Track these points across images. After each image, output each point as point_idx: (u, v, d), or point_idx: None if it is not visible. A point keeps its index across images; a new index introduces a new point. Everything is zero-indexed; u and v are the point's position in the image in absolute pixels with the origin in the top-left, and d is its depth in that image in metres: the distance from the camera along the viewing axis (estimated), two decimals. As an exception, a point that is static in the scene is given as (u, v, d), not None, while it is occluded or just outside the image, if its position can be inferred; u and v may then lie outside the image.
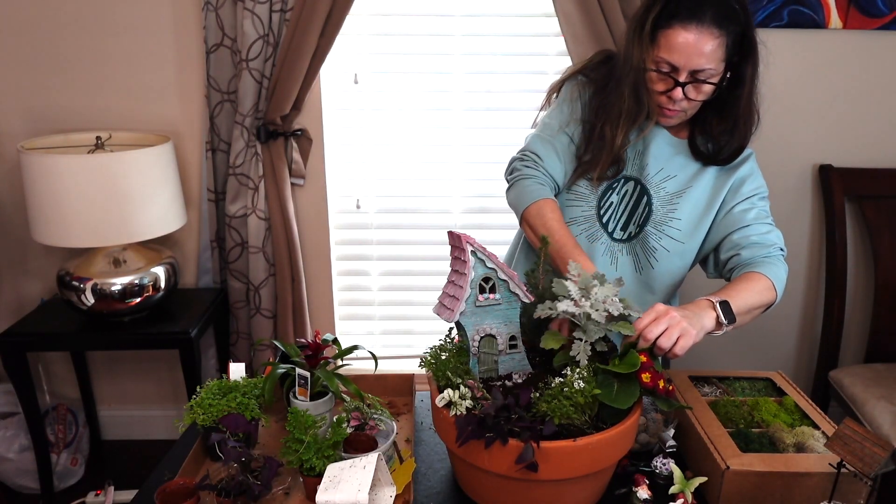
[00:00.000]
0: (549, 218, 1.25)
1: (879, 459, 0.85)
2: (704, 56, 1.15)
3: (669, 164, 1.32)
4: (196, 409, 1.11)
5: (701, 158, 1.32)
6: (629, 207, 1.33)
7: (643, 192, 1.32)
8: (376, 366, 1.30)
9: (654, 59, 1.19)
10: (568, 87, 1.36)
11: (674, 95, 1.20)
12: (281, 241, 2.12)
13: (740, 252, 1.29)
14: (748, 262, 1.28)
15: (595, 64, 1.35)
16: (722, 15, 1.14)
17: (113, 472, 2.30)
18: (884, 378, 1.99)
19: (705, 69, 1.16)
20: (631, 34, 1.21)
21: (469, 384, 1.00)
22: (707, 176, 1.32)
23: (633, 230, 1.34)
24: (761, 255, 1.28)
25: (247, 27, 1.91)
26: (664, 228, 1.32)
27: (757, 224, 1.31)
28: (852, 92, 2.13)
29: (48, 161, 1.74)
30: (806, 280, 2.35)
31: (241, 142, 2.03)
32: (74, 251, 2.01)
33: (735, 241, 1.30)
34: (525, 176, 1.32)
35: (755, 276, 1.24)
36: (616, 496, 1.05)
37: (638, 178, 1.33)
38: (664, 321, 1.02)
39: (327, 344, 1.22)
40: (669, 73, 1.19)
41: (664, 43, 1.17)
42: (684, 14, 1.14)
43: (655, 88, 1.22)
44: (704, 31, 1.13)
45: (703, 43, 1.14)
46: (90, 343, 2.03)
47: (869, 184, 2.16)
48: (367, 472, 0.91)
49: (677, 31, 1.14)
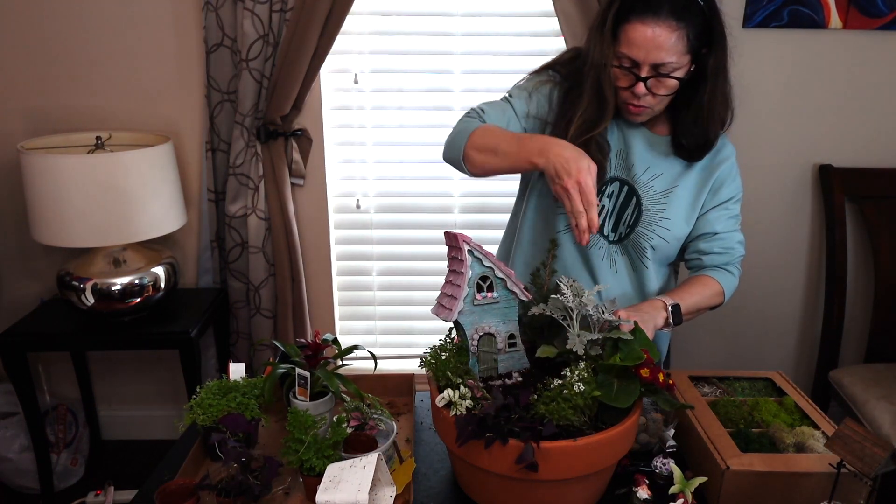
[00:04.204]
0: (499, 130, 1.22)
1: (879, 459, 0.85)
2: (664, 49, 1.13)
3: (654, 162, 1.31)
4: (196, 409, 1.11)
5: (683, 155, 1.31)
6: (617, 207, 1.32)
7: (632, 193, 1.31)
8: (376, 366, 1.30)
9: (615, 55, 1.18)
10: (535, 78, 1.33)
11: (637, 91, 1.18)
12: (281, 241, 2.12)
13: (702, 258, 1.36)
14: (707, 268, 1.36)
15: (565, 60, 1.32)
16: (680, 7, 1.12)
17: (113, 472, 2.30)
18: (884, 378, 1.99)
19: (667, 63, 1.14)
20: (593, 33, 1.20)
21: (469, 384, 1.00)
22: (692, 174, 1.32)
23: (623, 231, 1.33)
24: (721, 263, 1.36)
25: (247, 27, 1.91)
26: (655, 228, 1.31)
27: (725, 234, 1.35)
28: (852, 92, 2.13)
29: (48, 161, 1.74)
30: (806, 280, 2.35)
31: (241, 142, 2.03)
32: (74, 251, 2.01)
33: (700, 248, 1.35)
34: (463, 119, 1.29)
35: (710, 281, 1.32)
36: (616, 496, 1.05)
37: (625, 179, 1.31)
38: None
39: (327, 344, 1.22)
40: (630, 69, 1.17)
41: (624, 38, 1.15)
42: (641, 8, 1.13)
43: (619, 85, 1.21)
44: (662, 24, 1.12)
45: (661, 36, 1.12)
46: (90, 343, 2.03)
47: (869, 184, 2.16)
48: (367, 472, 0.91)
49: (635, 25, 1.13)
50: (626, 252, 1.34)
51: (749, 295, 2.36)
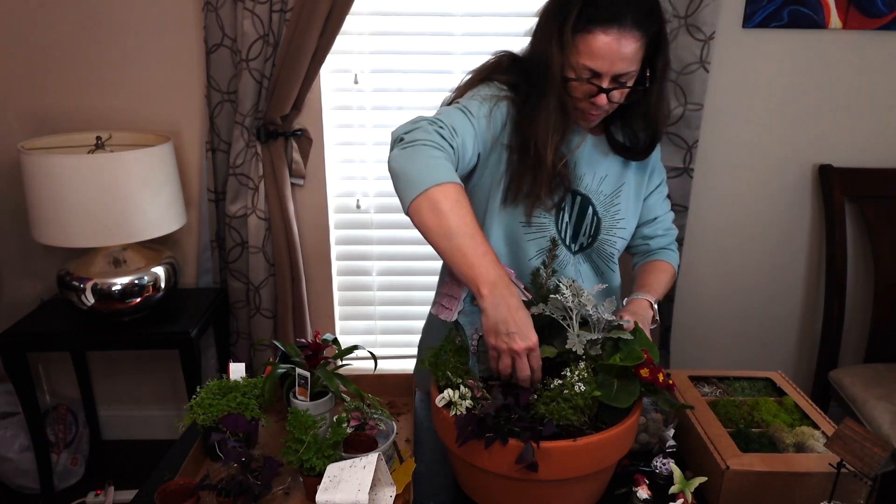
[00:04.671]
0: (469, 212, 1.00)
1: (879, 459, 0.85)
2: (627, 59, 1.10)
3: (598, 164, 1.28)
4: (196, 409, 1.11)
5: (619, 151, 1.29)
6: (574, 219, 1.28)
7: (586, 203, 1.27)
8: (376, 366, 1.30)
9: (573, 67, 1.12)
10: (486, 90, 1.20)
11: (598, 102, 1.14)
12: (281, 241, 2.12)
13: (649, 243, 1.40)
14: (654, 251, 1.40)
15: (505, 68, 1.23)
16: (642, 16, 1.09)
17: (113, 472, 2.30)
18: (884, 378, 1.99)
19: (629, 72, 1.12)
20: (547, 43, 1.12)
21: (469, 384, 1.00)
22: (631, 168, 1.32)
23: (584, 241, 1.30)
24: (666, 244, 1.41)
25: (247, 27, 1.91)
26: (616, 232, 1.30)
27: (664, 216, 1.41)
28: (852, 92, 2.13)
29: (48, 161, 1.74)
30: (806, 280, 2.35)
31: (241, 142, 2.03)
32: (74, 251, 2.01)
33: (645, 234, 1.40)
34: (435, 144, 1.04)
35: (666, 266, 1.37)
36: (616, 496, 1.05)
37: (576, 190, 1.27)
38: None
39: (327, 344, 1.22)
40: (590, 80, 1.12)
41: (584, 49, 1.09)
42: (605, 17, 1.07)
43: (577, 95, 1.16)
44: (626, 33, 1.08)
45: (625, 46, 1.08)
46: (90, 343, 2.03)
47: (869, 184, 2.16)
48: (367, 472, 0.91)
49: (598, 35, 1.08)
50: (588, 259, 1.33)
51: (749, 295, 2.36)
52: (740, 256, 2.32)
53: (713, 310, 2.38)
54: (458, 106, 1.15)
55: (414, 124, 1.07)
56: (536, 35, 1.17)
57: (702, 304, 2.36)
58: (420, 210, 1.00)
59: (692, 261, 2.31)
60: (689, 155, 2.10)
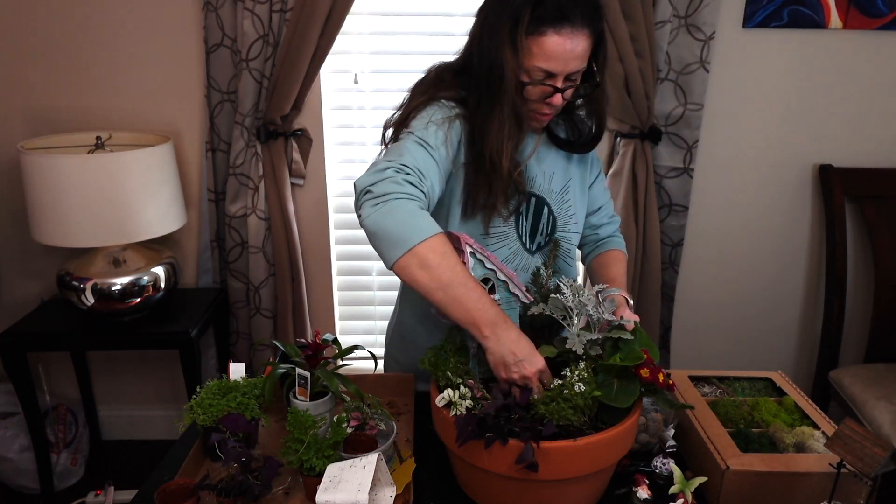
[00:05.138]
0: (457, 261, 1.00)
1: (879, 459, 0.85)
2: (579, 58, 1.10)
3: (545, 163, 1.28)
4: (196, 409, 1.11)
5: (563, 146, 1.29)
6: (531, 219, 1.27)
7: (541, 203, 1.27)
8: (376, 366, 1.30)
9: (527, 70, 1.11)
10: (437, 111, 1.15)
11: (554, 102, 1.14)
12: (281, 241, 2.12)
13: (597, 232, 1.42)
14: (603, 240, 1.42)
15: (449, 83, 1.20)
16: (589, 12, 1.09)
17: (113, 472, 2.30)
18: (884, 378, 1.99)
19: (579, 70, 1.12)
20: (498, 50, 1.09)
21: (469, 384, 1.00)
22: (574, 162, 1.32)
23: (541, 240, 1.29)
24: (612, 232, 1.44)
25: (247, 27, 1.91)
26: (569, 227, 1.31)
27: (606, 204, 1.43)
28: (852, 92, 2.13)
29: (48, 161, 1.74)
30: (806, 280, 2.35)
31: (241, 142, 2.03)
32: (74, 251, 2.01)
33: (592, 223, 1.42)
34: (408, 196, 1.01)
35: (620, 255, 1.39)
36: (616, 496, 1.05)
37: (531, 192, 1.26)
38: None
39: (327, 344, 1.22)
40: (544, 81, 1.12)
41: (538, 51, 1.08)
42: (555, 18, 1.06)
43: (530, 97, 1.15)
44: (578, 32, 1.08)
45: (578, 45, 1.08)
46: (90, 343, 2.03)
47: (869, 184, 2.17)
48: (367, 472, 0.91)
49: (551, 37, 1.07)
50: (545, 258, 1.31)
51: (749, 295, 2.36)
52: (740, 256, 2.32)
53: (713, 310, 2.38)
54: (415, 139, 1.10)
55: (380, 174, 1.02)
56: (483, 42, 1.12)
57: (702, 304, 2.37)
58: (408, 267, 0.99)
59: (692, 261, 2.31)
60: (689, 155, 2.10)
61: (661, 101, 2.07)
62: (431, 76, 1.23)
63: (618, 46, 1.94)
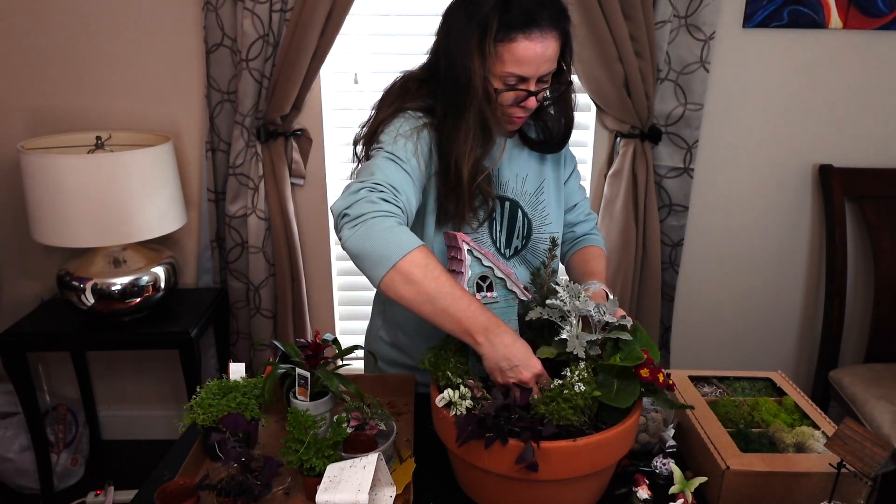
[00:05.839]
0: (441, 271, 1.00)
1: (879, 459, 0.85)
2: (550, 60, 1.10)
3: (517, 165, 1.27)
4: (196, 409, 1.11)
5: (535, 147, 1.29)
6: (506, 224, 1.26)
7: (514, 206, 1.26)
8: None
9: (498, 76, 1.11)
10: (404, 123, 1.15)
11: (528, 105, 1.14)
12: (281, 241, 2.12)
13: (574, 230, 1.43)
14: (582, 237, 1.42)
15: (414, 92, 1.21)
16: (556, 14, 1.10)
17: (113, 472, 2.30)
18: (884, 378, 1.99)
19: (550, 71, 1.13)
20: (466, 58, 1.08)
21: (469, 384, 1.00)
22: (548, 162, 1.31)
23: (518, 244, 1.28)
24: (590, 229, 1.44)
25: (247, 27, 1.91)
26: (545, 229, 1.30)
27: (582, 202, 1.43)
28: (852, 92, 2.13)
29: (48, 161, 1.74)
30: (806, 280, 2.35)
31: (241, 142, 2.03)
32: (74, 251, 2.01)
33: (569, 221, 1.42)
34: (384, 213, 1.01)
35: (599, 251, 1.39)
36: (616, 496, 1.05)
37: (503, 195, 1.25)
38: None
39: (327, 344, 1.22)
40: (516, 86, 1.12)
41: (509, 57, 1.08)
42: (524, 23, 1.07)
43: (504, 103, 1.15)
44: (547, 35, 1.08)
45: (549, 48, 1.09)
46: (90, 343, 2.03)
47: (869, 184, 2.17)
48: (367, 472, 0.91)
49: (521, 42, 1.07)
50: (524, 262, 1.31)
51: (749, 295, 2.36)
52: (740, 256, 2.32)
53: (713, 310, 2.38)
54: (384, 155, 1.10)
55: (354, 195, 1.02)
56: (450, 51, 1.11)
57: (702, 304, 2.37)
58: (393, 284, 0.99)
59: (692, 260, 2.31)
60: (689, 155, 2.10)
61: (661, 101, 2.07)
62: (396, 87, 1.23)
63: (618, 46, 1.94)
